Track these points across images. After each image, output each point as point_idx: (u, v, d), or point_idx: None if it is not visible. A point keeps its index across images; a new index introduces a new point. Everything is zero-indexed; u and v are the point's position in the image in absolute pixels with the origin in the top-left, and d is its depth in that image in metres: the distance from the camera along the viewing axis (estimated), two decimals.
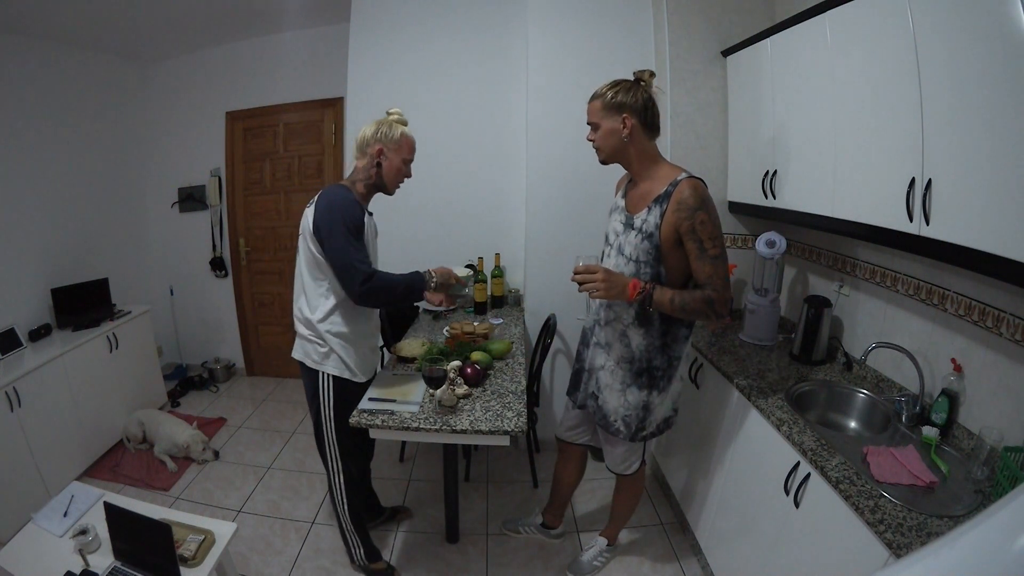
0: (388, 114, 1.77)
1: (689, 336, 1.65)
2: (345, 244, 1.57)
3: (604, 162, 1.59)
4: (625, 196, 1.65)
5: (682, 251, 1.48)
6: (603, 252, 1.71)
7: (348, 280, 1.59)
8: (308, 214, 1.65)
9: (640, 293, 1.47)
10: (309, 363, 1.74)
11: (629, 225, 1.57)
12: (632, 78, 1.52)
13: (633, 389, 1.65)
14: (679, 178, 1.48)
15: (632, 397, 1.66)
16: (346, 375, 1.75)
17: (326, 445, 1.80)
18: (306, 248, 1.66)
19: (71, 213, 3.05)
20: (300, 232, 1.69)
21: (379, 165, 1.70)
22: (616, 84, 1.51)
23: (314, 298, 1.70)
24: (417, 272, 1.71)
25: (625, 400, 1.67)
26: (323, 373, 1.73)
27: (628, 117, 1.48)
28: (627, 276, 1.53)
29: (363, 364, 1.80)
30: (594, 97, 1.53)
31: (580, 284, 1.48)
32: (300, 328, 1.76)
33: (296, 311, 1.76)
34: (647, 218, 1.51)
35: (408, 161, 1.75)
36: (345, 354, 1.73)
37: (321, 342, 1.71)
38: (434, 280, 1.71)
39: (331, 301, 1.69)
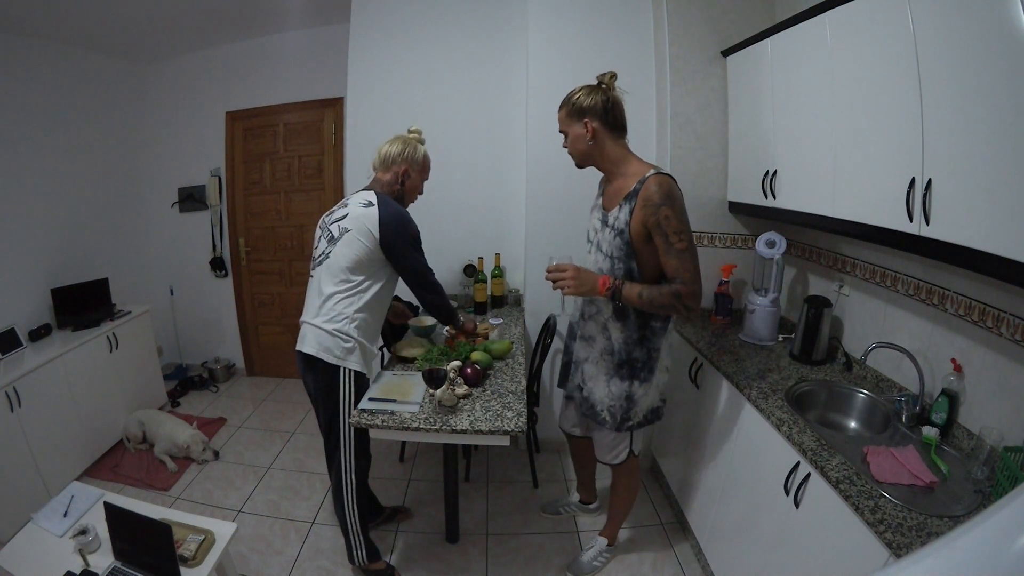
0: (409, 132, 1.91)
1: (666, 328, 1.69)
2: (418, 256, 1.82)
3: (579, 166, 1.67)
4: (602, 194, 1.71)
5: (653, 246, 1.52)
6: (588, 250, 1.78)
7: (423, 284, 1.85)
8: (368, 216, 1.70)
9: (609, 289, 1.54)
10: (330, 359, 1.72)
11: (604, 222, 1.63)
12: (596, 82, 1.58)
13: (615, 380, 1.71)
14: (647, 175, 1.52)
15: (615, 388, 1.71)
16: (364, 370, 1.80)
17: (342, 443, 1.79)
18: (359, 246, 1.70)
19: (71, 213, 3.05)
20: (345, 227, 1.72)
21: (403, 183, 1.85)
22: (578, 91, 1.57)
23: (348, 292, 1.72)
24: (458, 309, 2.08)
25: (609, 391, 1.72)
26: (345, 369, 1.73)
27: (589, 121, 1.54)
28: (605, 271, 1.62)
29: (372, 361, 1.87)
30: (560, 107, 1.61)
31: (554, 282, 1.57)
32: (320, 323, 1.72)
33: (318, 307, 1.74)
34: (618, 215, 1.56)
35: (426, 180, 1.94)
36: (366, 349, 1.79)
37: (346, 337, 1.71)
38: (461, 319, 2.08)
39: (365, 296, 1.74)
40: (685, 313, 1.51)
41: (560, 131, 1.65)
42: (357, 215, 1.71)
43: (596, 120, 1.54)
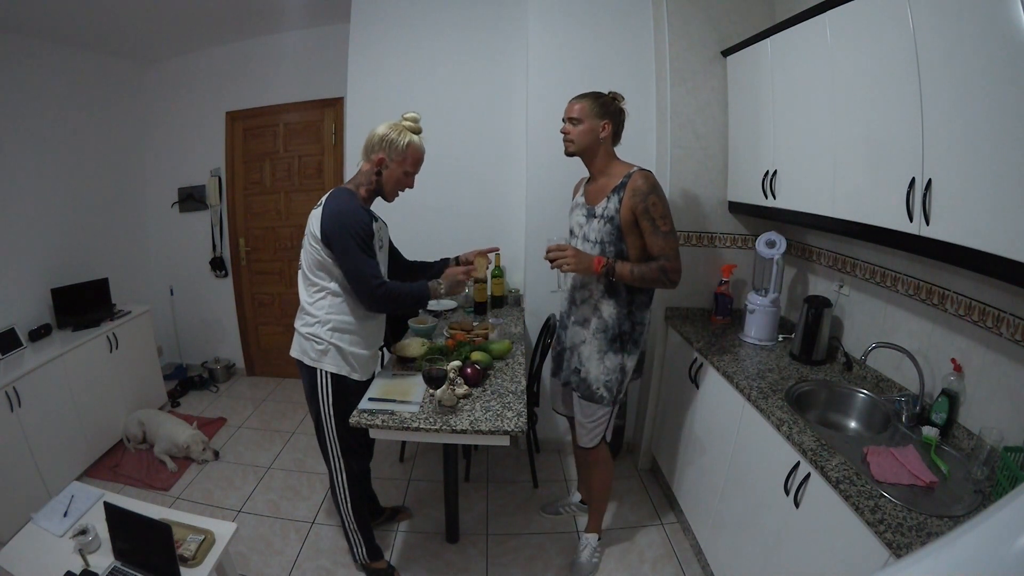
0: (403, 118, 1.73)
1: (648, 303, 1.86)
2: (356, 255, 1.62)
3: (571, 154, 1.81)
4: (584, 194, 1.89)
5: (639, 230, 1.72)
6: (573, 243, 1.89)
7: (360, 290, 1.67)
8: (315, 216, 1.66)
9: (604, 266, 1.71)
10: (307, 361, 1.75)
11: (591, 215, 1.81)
12: (608, 95, 1.79)
13: (610, 354, 1.85)
14: (632, 170, 1.75)
15: (610, 362, 1.85)
16: (344, 372, 1.75)
17: (327, 443, 1.81)
18: (311, 249, 1.68)
19: (71, 213, 3.05)
20: (305, 233, 1.71)
21: (379, 173, 1.71)
22: (600, 96, 1.78)
23: (317, 296, 1.72)
24: (424, 283, 1.77)
25: (604, 366, 1.85)
26: (321, 371, 1.74)
27: (608, 124, 1.76)
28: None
29: (363, 362, 1.81)
30: (581, 98, 1.78)
31: (552, 261, 1.71)
32: (299, 326, 1.77)
33: (298, 312, 1.78)
34: (607, 205, 1.75)
35: (411, 173, 1.74)
36: (343, 351, 1.74)
37: (318, 339, 1.72)
38: (442, 287, 1.78)
39: (336, 299, 1.72)
40: (669, 286, 1.73)
41: (569, 117, 1.78)
42: (311, 218, 1.68)
43: (612, 124, 1.76)
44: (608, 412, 1.91)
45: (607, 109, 1.76)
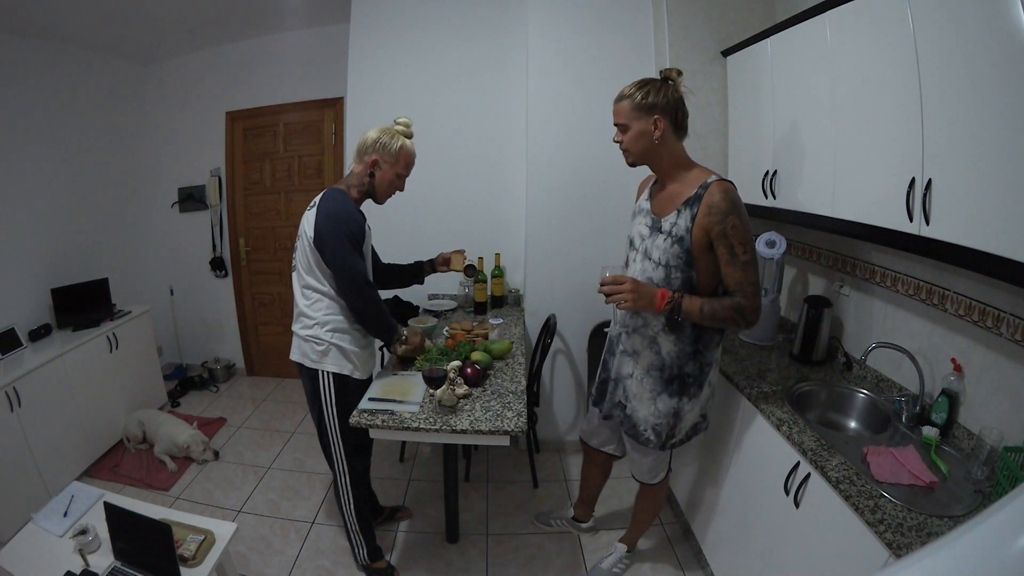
0: (395, 123, 1.78)
1: (721, 341, 1.62)
2: (348, 255, 1.63)
3: (633, 164, 1.55)
4: (651, 198, 1.60)
5: (713, 255, 1.45)
6: (627, 257, 1.66)
7: (348, 288, 1.67)
8: (308, 218, 1.67)
9: (668, 303, 1.44)
10: (308, 363, 1.75)
11: (656, 229, 1.53)
12: (660, 76, 1.48)
13: (664, 397, 1.61)
14: (709, 180, 1.45)
15: (663, 405, 1.61)
16: (346, 371, 1.76)
17: (331, 445, 1.81)
18: (305, 251, 1.68)
19: (71, 213, 3.05)
20: (299, 234, 1.71)
21: (372, 175, 1.73)
22: (645, 84, 1.46)
23: (314, 298, 1.72)
24: (397, 324, 1.86)
25: (655, 408, 1.62)
26: (322, 372, 1.74)
27: (660, 119, 1.44)
28: (657, 282, 1.51)
29: (364, 360, 1.83)
30: (622, 98, 1.49)
31: (607, 295, 1.45)
32: (297, 329, 1.77)
33: (295, 315, 1.78)
34: (677, 221, 1.47)
35: (403, 175, 1.78)
36: (344, 351, 1.75)
37: (318, 341, 1.72)
38: (404, 338, 1.88)
39: (333, 300, 1.72)
40: (745, 327, 1.47)
41: (616, 123, 1.51)
42: (304, 220, 1.69)
43: (666, 118, 1.44)
44: (663, 456, 1.76)
45: (655, 101, 1.43)
